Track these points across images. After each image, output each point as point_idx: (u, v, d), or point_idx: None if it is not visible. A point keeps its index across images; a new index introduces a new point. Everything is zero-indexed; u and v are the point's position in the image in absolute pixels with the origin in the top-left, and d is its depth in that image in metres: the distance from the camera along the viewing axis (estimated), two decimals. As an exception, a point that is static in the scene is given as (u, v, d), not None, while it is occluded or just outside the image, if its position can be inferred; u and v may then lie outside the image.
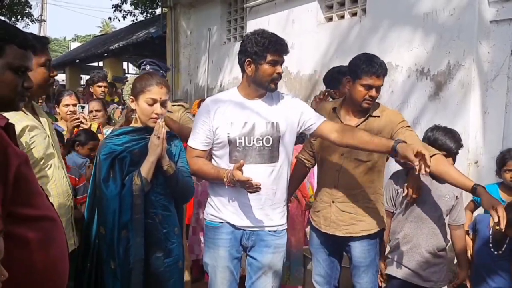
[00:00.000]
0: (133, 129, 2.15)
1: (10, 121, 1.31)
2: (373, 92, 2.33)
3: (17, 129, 1.69)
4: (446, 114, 3.74)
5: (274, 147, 2.24)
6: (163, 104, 2.09)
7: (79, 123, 3.26)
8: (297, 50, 5.38)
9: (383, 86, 2.36)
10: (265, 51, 2.14)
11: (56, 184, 1.95)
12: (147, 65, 3.06)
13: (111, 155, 2.03)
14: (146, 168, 2.02)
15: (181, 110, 3.03)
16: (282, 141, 2.26)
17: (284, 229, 2.35)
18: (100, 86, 4.77)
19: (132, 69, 20.14)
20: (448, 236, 2.60)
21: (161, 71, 3.06)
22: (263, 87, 2.23)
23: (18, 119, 1.77)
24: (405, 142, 2.06)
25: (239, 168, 2.06)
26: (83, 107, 3.44)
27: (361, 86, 2.33)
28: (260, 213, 2.25)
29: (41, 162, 1.86)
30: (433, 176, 2.28)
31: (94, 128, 3.48)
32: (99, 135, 3.48)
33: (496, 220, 1.92)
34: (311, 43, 5.23)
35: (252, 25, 6.21)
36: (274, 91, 2.26)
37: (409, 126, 2.37)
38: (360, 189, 2.42)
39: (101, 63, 14.72)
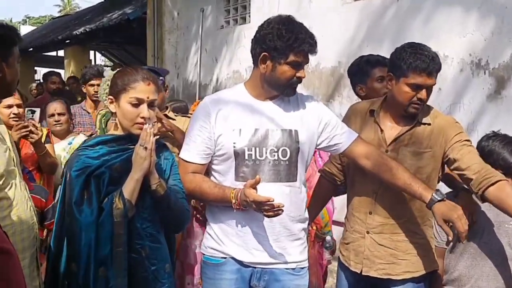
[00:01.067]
0: (113, 137, 2.16)
1: None
2: (423, 94, 2.33)
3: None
4: (509, 117, 3.75)
5: (292, 161, 2.25)
6: (150, 105, 2.10)
7: (27, 133, 3.18)
8: (316, 36, 5.39)
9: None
10: (288, 49, 2.15)
11: (18, 208, 1.96)
12: None
13: (85, 171, 2.03)
14: (130, 188, 2.03)
15: (188, 121, 3.07)
16: (300, 155, 2.28)
17: (305, 267, 2.36)
18: (92, 85, 4.79)
19: (100, 59, 20.27)
20: None
21: (161, 78, 3.09)
22: (278, 90, 2.26)
23: None
24: (443, 201, 2.17)
25: (254, 186, 2.08)
26: (33, 112, 3.35)
27: (407, 86, 2.32)
28: (275, 245, 2.26)
29: (0, 182, 1.88)
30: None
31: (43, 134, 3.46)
32: (47, 145, 3.48)
33: None
34: (334, 27, 5.26)
35: (258, 4, 6.27)
36: (291, 96, 2.29)
37: (468, 140, 2.37)
38: (404, 218, 2.42)
39: (61, 53, 14.79)
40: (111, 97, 2.14)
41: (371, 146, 2.38)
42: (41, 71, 19.19)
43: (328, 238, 3.45)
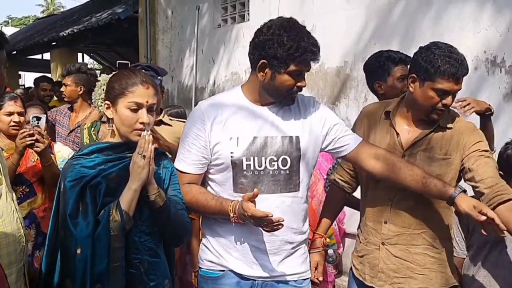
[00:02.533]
0: (109, 145, 2.16)
1: None
2: (448, 100, 2.33)
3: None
4: (528, 119, 3.77)
5: (293, 170, 2.27)
6: (150, 109, 2.11)
7: (33, 142, 3.14)
8: (320, 35, 5.31)
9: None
10: (289, 59, 2.14)
11: (3, 221, 1.97)
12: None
13: (80, 181, 2.04)
14: (128, 199, 2.03)
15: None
16: (302, 162, 2.29)
17: (307, 278, 2.39)
18: (65, 85, 4.82)
19: (88, 62, 20.28)
20: None
21: (159, 78, 3.11)
22: (276, 99, 2.27)
23: None
24: (464, 192, 2.17)
25: (252, 200, 2.08)
26: (38, 119, 3.25)
27: (433, 90, 2.32)
28: (276, 258, 2.28)
29: None
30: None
31: None
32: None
33: None
34: (339, 25, 5.29)
35: (257, 2, 6.29)
36: (290, 105, 2.30)
37: (486, 150, 2.36)
38: (422, 229, 2.41)
39: (47, 55, 14.82)
40: (107, 102, 2.15)
41: (379, 147, 2.38)
42: (25, 76, 19.22)
43: (330, 252, 3.43)
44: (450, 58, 2.28)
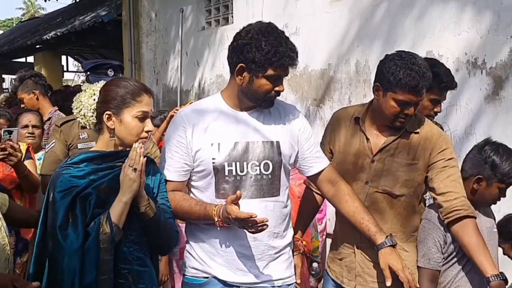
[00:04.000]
0: (99, 154, 2.16)
1: None
2: (410, 110, 2.36)
3: None
4: (508, 120, 3.80)
5: (275, 175, 2.28)
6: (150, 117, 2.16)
7: (5, 155, 3.12)
8: (303, 38, 5.42)
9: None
10: (267, 63, 2.16)
11: None
12: (108, 70, 3.10)
13: (70, 192, 2.03)
14: (118, 211, 2.03)
15: None
16: (284, 167, 2.32)
17: (292, 283, 2.40)
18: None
19: (73, 65, 20.12)
20: None
21: (120, 74, 3.11)
22: (254, 102, 2.28)
23: None
24: (392, 247, 2.30)
25: (235, 202, 2.09)
26: (10, 132, 3.23)
27: (394, 101, 2.35)
28: (260, 264, 2.29)
29: None
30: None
31: (22, 149, 3.41)
32: (27, 162, 3.43)
33: None
34: (322, 27, 5.29)
35: (241, 4, 6.28)
36: (268, 108, 2.31)
37: (451, 159, 2.41)
38: (394, 232, 2.43)
39: (30, 59, 14.67)
40: (109, 112, 2.12)
41: (339, 175, 2.43)
42: (8, 79, 19.00)
43: (315, 265, 3.46)
44: (412, 70, 2.30)
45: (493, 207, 2.73)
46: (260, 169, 2.25)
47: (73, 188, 2.04)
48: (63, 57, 15.13)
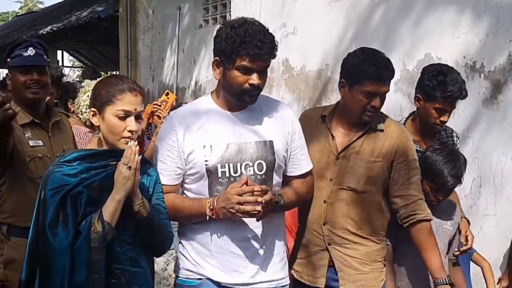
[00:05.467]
0: (92, 152, 2.14)
1: None
2: (376, 102, 2.41)
3: None
4: (506, 124, 3.80)
5: (268, 175, 2.28)
6: (138, 117, 2.09)
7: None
8: (301, 38, 5.41)
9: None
10: (234, 53, 2.14)
11: None
12: (28, 49, 2.87)
13: (61, 190, 2.00)
14: (111, 209, 2.00)
15: None
16: (276, 167, 2.31)
17: (286, 285, 2.39)
18: None
19: (68, 60, 20.08)
20: None
21: (46, 57, 2.99)
22: (234, 98, 2.26)
23: None
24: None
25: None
26: None
27: (361, 93, 2.40)
28: (253, 265, 2.28)
29: None
30: None
31: None
32: None
33: None
34: (320, 28, 5.28)
35: (239, 3, 6.26)
36: (249, 104, 2.28)
37: (414, 160, 2.51)
38: (359, 228, 2.48)
39: (26, 53, 14.58)
40: (94, 109, 2.11)
41: (309, 183, 2.45)
42: (2, 73, 18.92)
43: None
44: (375, 61, 2.39)
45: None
46: (254, 170, 2.24)
47: (64, 186, 2.01)
48: (59, 52, 15.07)
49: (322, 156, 2.51)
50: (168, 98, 3.63)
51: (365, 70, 2.37)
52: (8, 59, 2.96)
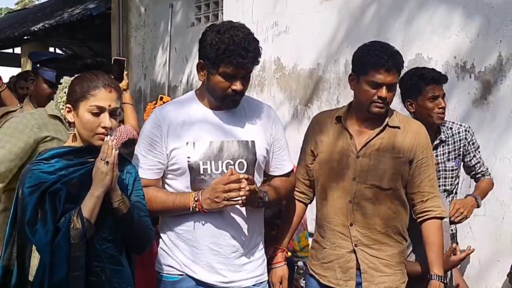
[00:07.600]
0: (70, 150, 2.13)
1: None
2: (383, 92, 2.40)
3: None
4: (495, 124, 3.82)
5: (249, 174, 2.29)
6: (112, 113, 2.08)
7: None
8: (293, 37, 5.41)
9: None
10: (218, 60, 2.17)
11: None
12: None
13: (39, 187, 1.99)
14: (90, 206, 1.99)
15: None
16: (257, 167, 2.35)
17: (264, 281, 2.43)
18: None
19: (61, 57, 19.97)
20: None
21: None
22: (217, 101, 2.29)
23: None
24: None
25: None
26: None
27: (367, 84, 2.41)
28: (232, 262, 2.31)
29: None
30: None
31: None
32: None
33: None
34: (312, 27, 5.28)
35: (231, 1, 6.25)
36: (231, 108, 2.31)
37: (432, 156, 2.54)
38: (386, 227, 2.47)
39: (18, 50, 14.57)
40: (69, 105, 2.11)
41: (292, 183, 2.53)
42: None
43: (300, 263, 3.40)
44: (380, 51, 2.40)
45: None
46: (235, 168, 2.27)
47: (42, 184, 2.00)
48: (51, 49, 15.02)
49: (342, 156, 2.50)
50: (164, 103, 3.68)
51: (369, 59, 2.38)
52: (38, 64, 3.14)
